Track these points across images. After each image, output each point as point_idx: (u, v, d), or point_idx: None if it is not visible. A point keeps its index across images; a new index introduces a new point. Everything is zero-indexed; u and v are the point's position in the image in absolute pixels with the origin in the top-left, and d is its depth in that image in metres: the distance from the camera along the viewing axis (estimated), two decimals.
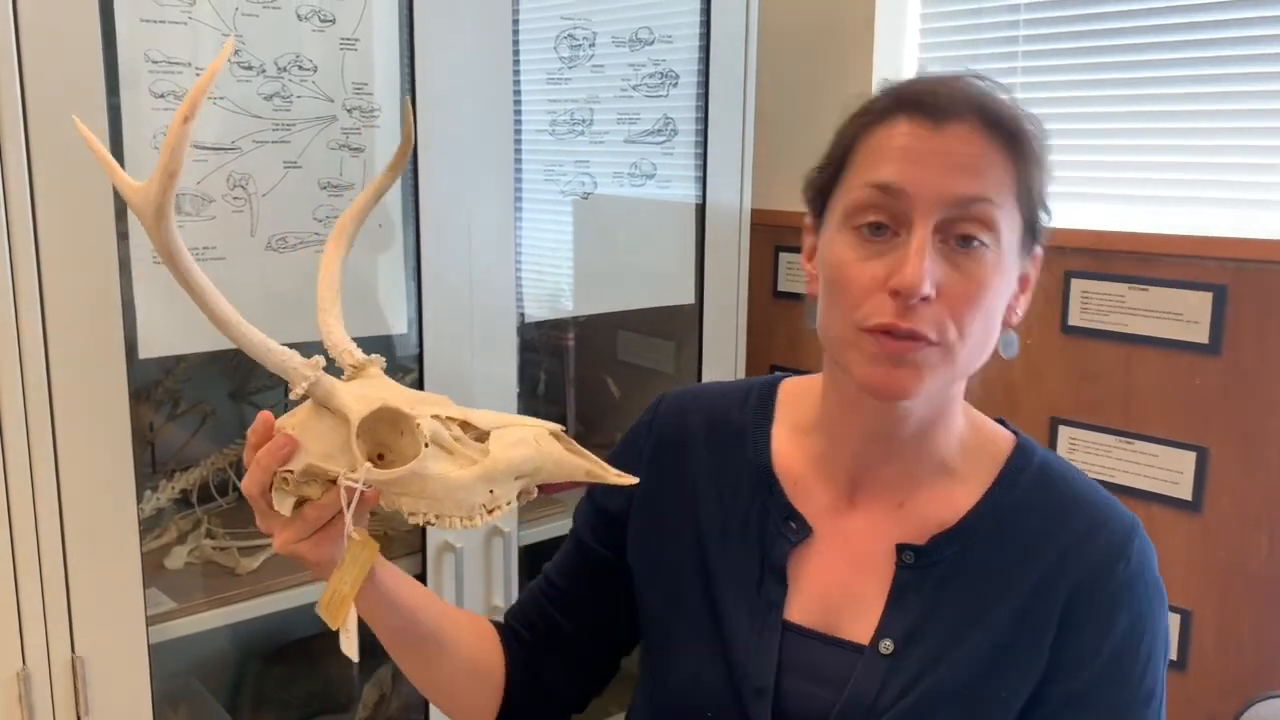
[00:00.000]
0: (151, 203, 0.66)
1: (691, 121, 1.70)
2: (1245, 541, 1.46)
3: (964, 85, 0.81)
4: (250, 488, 0.75)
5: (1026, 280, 0.85)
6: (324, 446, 0.72)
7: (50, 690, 1.16)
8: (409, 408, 0.72)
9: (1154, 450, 1.53)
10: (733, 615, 0.87)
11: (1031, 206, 0.81)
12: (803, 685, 0.84)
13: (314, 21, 1.26)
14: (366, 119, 1.32)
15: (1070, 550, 0.83)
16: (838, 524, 0.88)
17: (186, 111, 0.63)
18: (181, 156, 0.64)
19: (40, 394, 1.11)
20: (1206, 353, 1.47)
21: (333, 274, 0.83)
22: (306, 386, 0.72)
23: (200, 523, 1.52)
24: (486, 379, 1.48)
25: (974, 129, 0.78)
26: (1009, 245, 0.79)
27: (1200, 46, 1.53)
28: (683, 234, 1.74)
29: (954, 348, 0.77)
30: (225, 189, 1.23)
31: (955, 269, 0.77)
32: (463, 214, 1.42)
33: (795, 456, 0.92)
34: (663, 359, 1.95)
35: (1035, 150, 0.80)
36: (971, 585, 0.83)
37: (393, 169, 0.85)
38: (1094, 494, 0.87)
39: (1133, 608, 0.82)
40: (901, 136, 0.79)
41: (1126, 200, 1.62)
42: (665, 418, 0.98)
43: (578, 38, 1.54)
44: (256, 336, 0.72)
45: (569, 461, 0.74)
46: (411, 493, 0.71)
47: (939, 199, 0.76)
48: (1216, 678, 1.50)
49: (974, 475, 0.87)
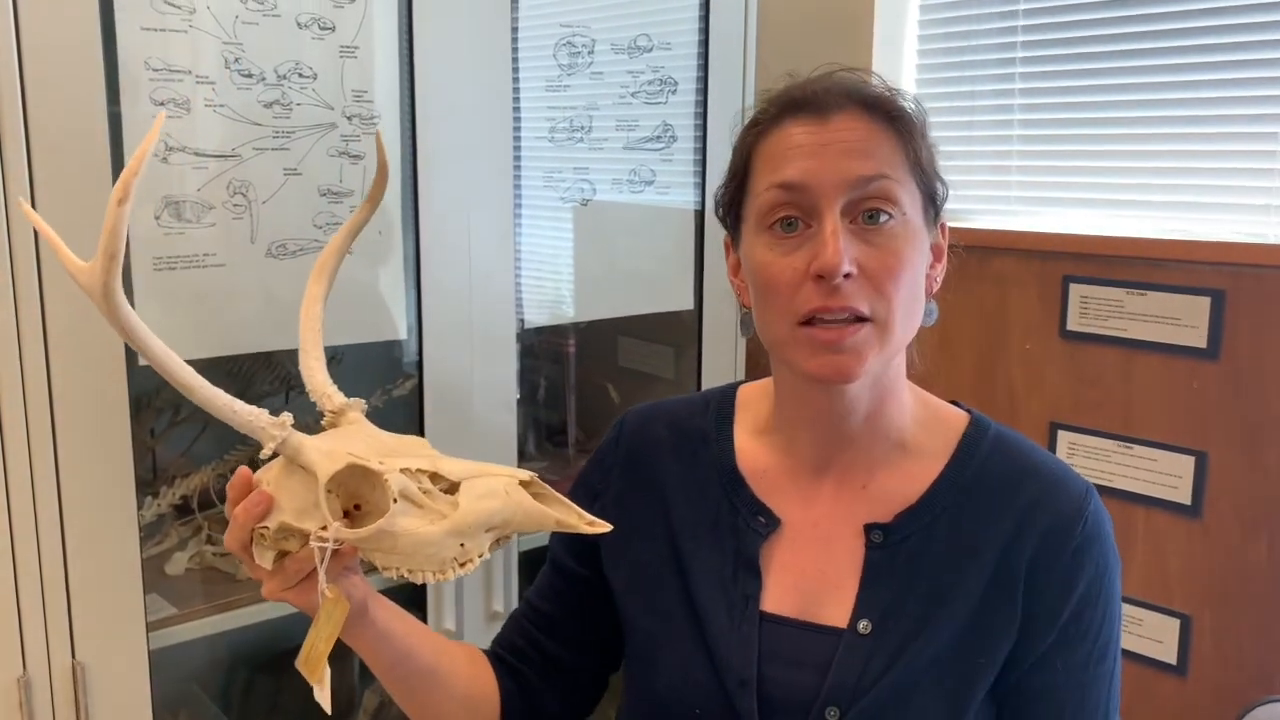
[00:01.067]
0: (97, 283, 0.67)
1: (690, 128, 1.71)
2: (1244, 546, 1.46)
3: (840, 79, 0.86)
4: (231, 543, 0.77)
5: (940, 250, 0.89)
6: (297, 503, 0.73)
7: (51, 696, 1.16)
8: (377, 463, 0.72)
9: (1153, 455, 1.54)
10: (711, 612, 0.89)
11: (927, 179, 0.86)
12: (785, 673, 0.86)
13: (314, 29, 1.27)
14: (366, 126, 1.32)
15: (1029, 514, 0.86)
16: (805, 513, 0.91)
17: (120, 194, 0.64)
18: (121, 239, 0.66)
19: (41, 400, 1.12)
20: (1205, 357, 1.48)
21: (314, 314, 0.84)
22: (275, 446, 0.73)
23: (201, 529, 1.53)
24: (486, 385, 1.48)
25: (857, 115, 0.83)
26: (914, 217, 0.84)
27: (1199, 52, 1.53)
28: (682, 240, 1.75)
29: (886, 321, 0.82)
30: (225, 196, 1.23)
31: (869, 245, 0.81)
32: (462, 220, 1.42)
33: (758, 454, 0.95)
34: (662, 365, 1.95)
35: (917, 125, 0.85)
36: (940, 558, 0.86)
37: (371, 200, 0.87)
38: (1049, 460, 0.91)
39: (1090, 567, 0.86)
40: (793, 136, 0.84)
41: (1125, 205, 1.63)
42: (631, 433, 1.01)
43: (577, 45, 1.55)
44: (222, 399, 0.74)
45: (539, 513, 0.75)
46: (383, 549, 0.72)
47: (840, 184, 0.81)
48: (1216, 682, 1.50)
49: (931, 451, 0.91)
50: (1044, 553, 0.85)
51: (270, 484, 0.74)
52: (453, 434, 1.45)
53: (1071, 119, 1.67)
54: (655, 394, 2.01)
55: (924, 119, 0.87)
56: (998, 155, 1.76)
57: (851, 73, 0.88)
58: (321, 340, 0.83)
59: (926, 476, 0.89)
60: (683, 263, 1.75)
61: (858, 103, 0.84)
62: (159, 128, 0.67)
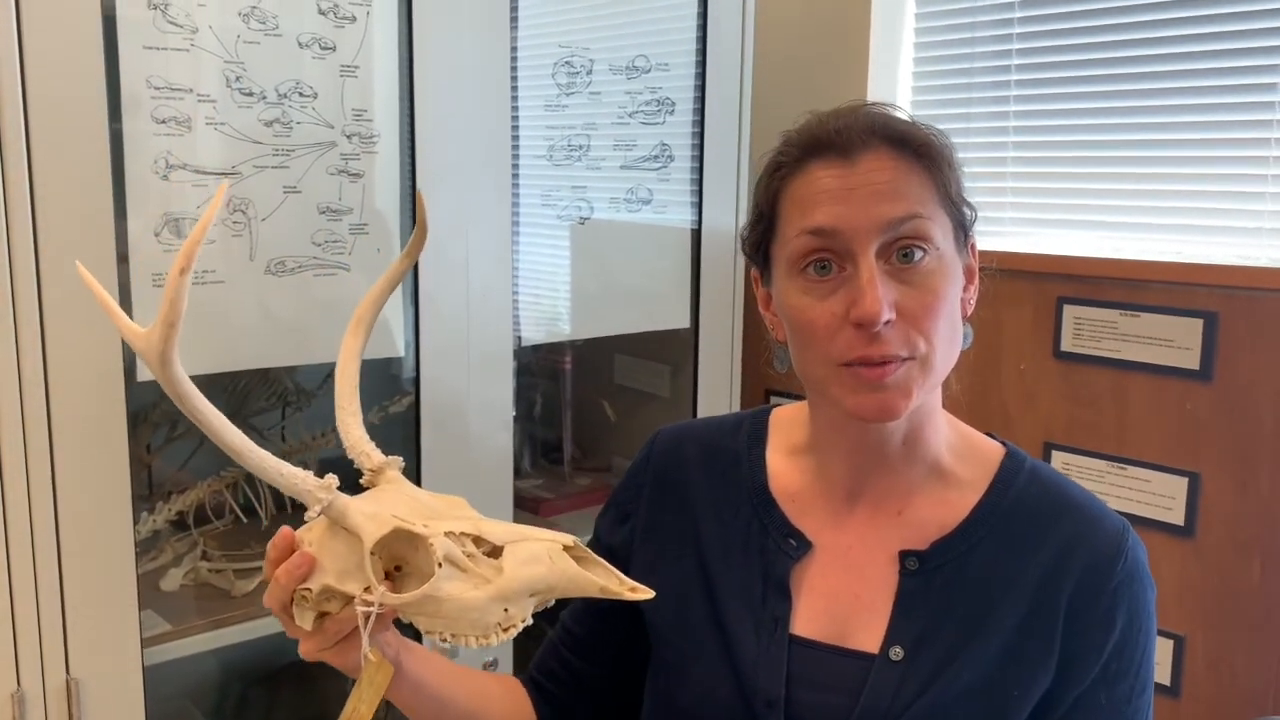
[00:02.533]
0: (155, 349, 0.68)
1: (687, 148, 1.72)
2: (1237, 566, 1.47)
3: (863, 116, 0.85)
4: (272, 603, 0.77)
5: (971, 271, 0.89)
6: (340, 565, 0.73)
7: (45, 712, 1.16)
8: (422, 525, 0.72)
9: (1146, 475, 1.54)
10: (739, 632, 0.89)
11: (956, 207, 0.85)
12: (814, 696, 0.86)
13: (314, 49, 1.28)
14: (366, 145, 1.33)
15: (1068, 549, 0.86)
16: (837, 538, 0.91)
17: (183, 264, 0.65)
18: (181, 308, 0.67)
19: (39, 416, 1.12)
20: (1198, 379, 1.48)
21: (351, 370, 0.85)
22: (321, 509, 0.73)
23: (196, 545, 1.53)
24: (483, 402, 1.49)
25: (883, 154, 0.82)
26: (946, 248, 0.83)
27: (1192, 76, 1.55)
28: (678, 259, 1.76)
29: (928, 358, 0.82)
30: (225, 213, 1.24)
31: (906, 285, 0.81)
32: (460, 238, 1.43)
33: (791, 477, 0.94)
34: (659, 383, 1.96)
35: (944, 155, 0.85)
36: (975, 588, 0.86)
37: (408, 255, 0.87)
38: (1085, 496, 0.91)
39: (1131, 604, 0.86)
40: (820, 180, 0.83)
41: (1119, 227, 1.64)
42: (661, 452, 1.01)
43: (575, 65, 1.56)
44: (270, 461, 0.74)
45: (582, 578, 0.75)
46: (426, 613, 0.72)
47: (873, 227, 0.80)
48: (1209, 703, 1.51)
49: (968, 481, 0.90)
50: (1084, 591, 0.85)
51: (313, 545, 0.74)
52: (449, 451, 1.46)
53: (1066, 141, 1.68)
54: (651, 412, 2.02)
55: (950, 148, 0.86)
56: (993, 177, 1.77)
57: (873, 107, 0.87)
58: (358, 396, 0.83)
59: (963, 506, 0.89)
60: (679, 281, 1.76)
61: (883, 140, 0.83)
62: (221, 198, 0.68)
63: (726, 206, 1.77)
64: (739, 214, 1.79)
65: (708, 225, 1.75)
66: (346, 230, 1.33)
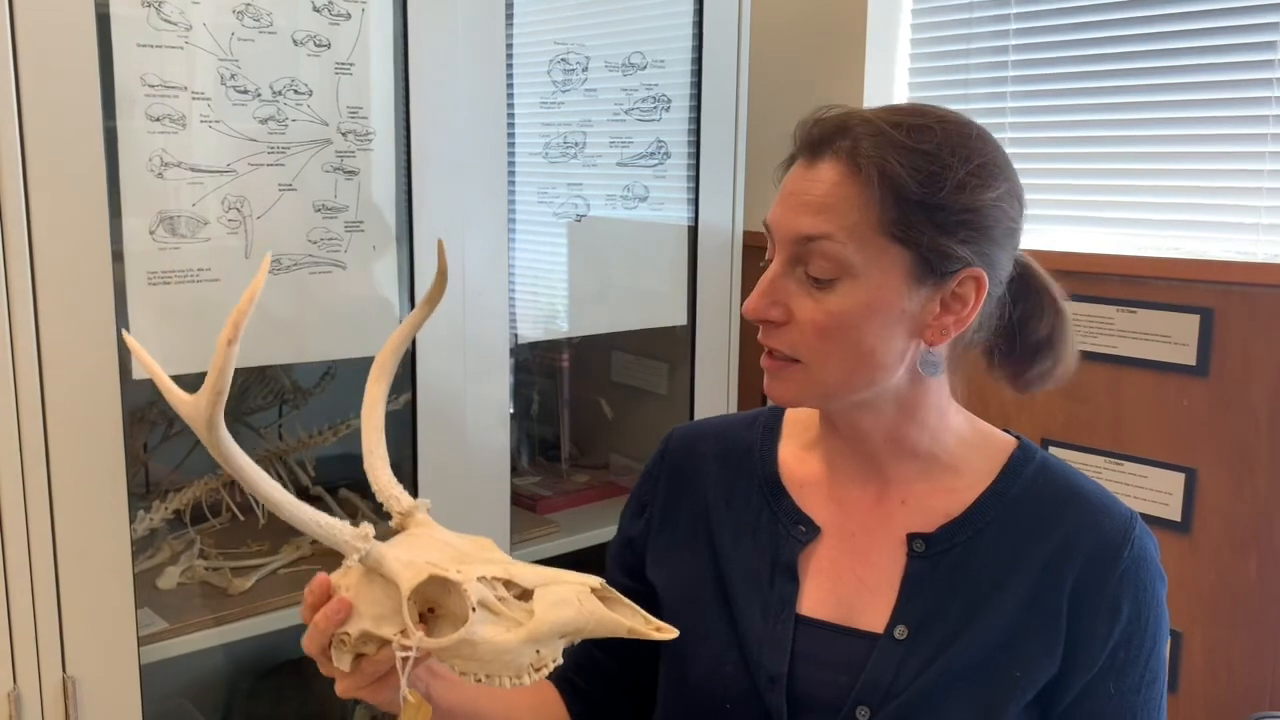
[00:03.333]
0: (202, 416, 0.71)
1: (684, 145, 1.72)
2: (1234, 562, 1.47)
3: (848, 120, 0.84)
4: (309, 647, 0.80)
5: (957, 301, 0.85)
6: (377, 610, 0.76)
7: (41, 711, 1.16)
8: (455, 571, 0.75)
9: (1143, 471, 1.54)
10: (746, 611, 0.92)
11: (919, 241, 0.81)
12: (817, 672, 0.88)
13: (309, 46, 1.28)
14: (361, 142, 1.33)
15: (1073, 536, 0.88)
16: (844, 523, 0.93)
17: (230, 335, 0.68)
18: (228, 377, 0.70)
19: (34, 414, 1.12)
20: (1194, 375, 1.48)
21: (376, 415, 0.87)
22: (359, 558, 0.76)
23: (193, 543, 1.53)
24: (479, 400, 1.48)
25: (838, 167, 0.82)
26: (878, 278, 0.82)
27: (1188, 72, 1.55)
28: (675, 256, 1.76)
29: (814, 366, 0.85)
30: (220, 211, 1.24)
31: (809, 298, 0.84)
32: (456, 236, 1.43)
33: (802, 467, 0.98)
34: (656, 380, 1.96)
35: (912, 189, 0.80)
36: (980, 572, 0.88)
37: (428, 302, 0.90)
38: (1093, 486, 0.92)
39: (1138, 593, 0.87)
40: (790, 178, 0.86)
41: (1115, 223, 1.64)
42: (677, 445, 1.05)
43: (571, 62, 1.56)
44: (308, 513, 0.76)
45: (610, 620, 0.78)
46: (462, 656, 0.75)
47: (787, 236, 0.84)
48: (1206, 699, 1.51)
49: (975, 470, 0.92)
50: (1088, 579, 0.86)
51: (350, 590, 0.77)
52: (446, 449, 1.45)
53: (1062, 138, 1.68)
54: (649, 410, 2.02)
55: (939, 183, 0.81)
56: None
57: (876, 118, 0.83)
58: (384, 441, 0.86)
59: (969, 494, 0.91)
60: (676, 278, 1.76)
61: (847, 153, 0.82)
62: (265, 270, 0.71)
63: (723, 203, 1.77)
64: (736, 210, 1.79)
65: (704, 222, 1.75)
66: (342, 228, 1.33)
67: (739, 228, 1.80)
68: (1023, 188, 0.88)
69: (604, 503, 1.88)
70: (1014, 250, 0.89)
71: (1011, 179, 0.86)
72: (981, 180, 0.83)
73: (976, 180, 0.82)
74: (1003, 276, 0.88)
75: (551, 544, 1.68)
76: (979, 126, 0.86)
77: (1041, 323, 0.93)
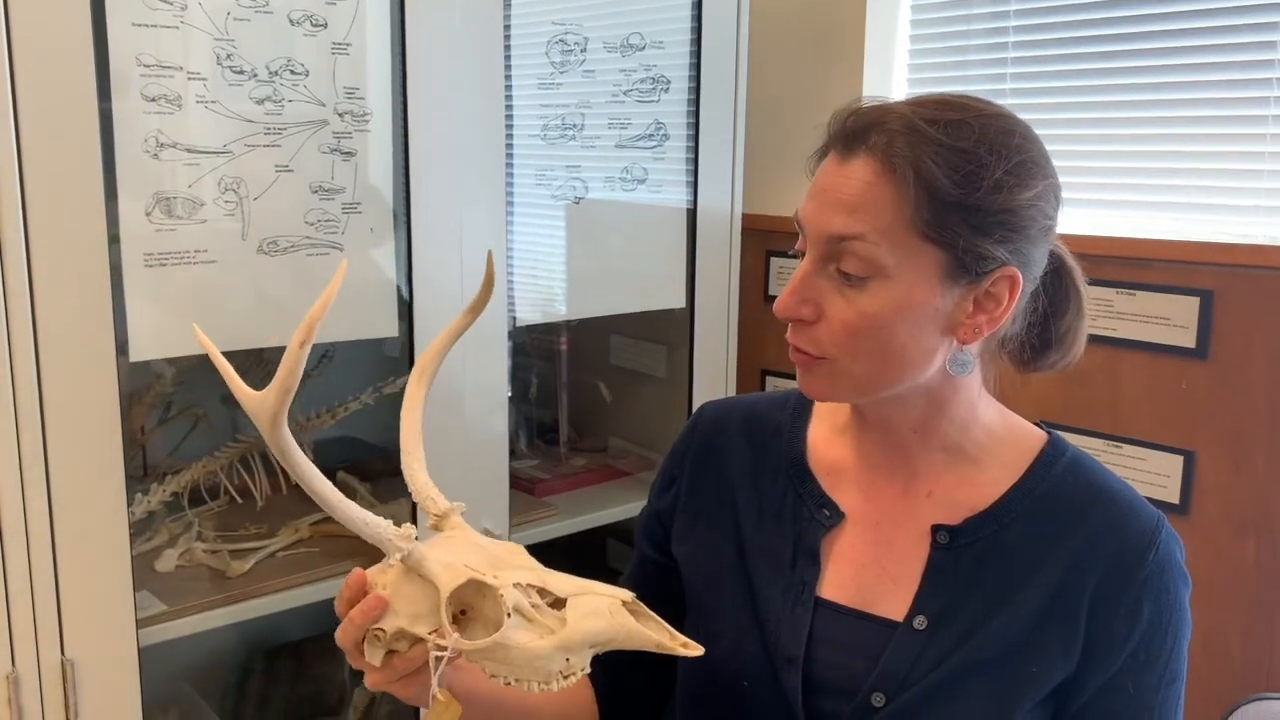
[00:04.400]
0: (268, 411, 0.73)
1: (682, 126, 1.71)
2: (1232, 545, 1.47)
3: (884, 115, 0.82)
4: (344, 641, 0.81)
5: (991, 300, 0.84)
6: (413, 609, 0.78)
7: (40, 693, 1.16)
8: (493, 576, 0.77)
9: (1142, 454, 1.54)
10: (767, 594, 0.93)
11: (954, 242, 0.80)
12: (834, 656, 0.89)
13: (306, 26, 1.27)
14: (358, 123, 1.32)
15: (1098, 536, 0.87)
16: (869, 511, 0.94)
17: (303, 336, 0.71)
18: (296, 377, 0.72)
19: (31, 396, 1.12)
20: (1194, 357, 1.48)
21: (415, 417, 0.89)
22: (400, 558, 0.78)
23: (191, 525, 1.53)
24: (478, 383, 1.48)
25: (872, 165, 0.81)
26: (910, 277, 0.81)
27: (1188, 54, 1.54)
28: (674, 238, 1.75)
29: (843, 363, 0.84)
30: (217, 193, 1.23)
31: (840, 296, 0.83)
32: (454, 218, 1.42)
33: (830, 451, 0.98)
34: (654, 363, 1.96)
35: (948, 189, 0.79)
36: (1003, 566, 0.88)
37: (473, 310, 0.91)
38: (1122, 486, 0.92)
39: (1160, 596, 0.86)
40: (822, 172, 0.85)
41: (1115, 206, 1.63)
42: (707, 421, 1.06)
43: (569, 43, 1.55)
44: (355, 512, 0.78)
45: (639, 634, 0.80)
46: (495, 659, 0.77)
47: (819, 234, 0.83)
48: (1204, 680, 1.51)
49: (1003, 465, 0.92)
50: (1111, 579, 0.86)
51: (386, 588, 0.79)
52: (445, 432, 1.45)
53: (1062, 119, 1.68)
54: (647, 393, 2.02)
55: (975, 183, 0.79)
56: None
57: (917, 109, 0.82)
58: (422, 443, 0.87)
59: (996, 488, 0.90)
60: (675, 261, 1.75)
61: (883, 150, 0.80)
62: (341, 275, 0.72)
63: (722, 186, 1.76)
64: (735, 192, 1.78)
65: (703, 204, 1.74)
66: (339, 209, 1.32)
67: (738, 210, 1.80)
68: (1060, 183, 0.86)
69: (602, 486, 1.88)
70: (1049, 246, 0.88)
71: (1050, 175, 0.85)
72: (1019, 179, 0.81)
73: (1014, 180, 0.81)
74: (1037, 274, 0.87)
75: (550, 527, 1.68)
76: (1019, 121, 0.84)
77: (1064, 320, 0.92)
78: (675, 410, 1.85)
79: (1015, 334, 0.90)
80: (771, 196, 1.93)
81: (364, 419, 1.63)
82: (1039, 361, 0.94)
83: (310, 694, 1.75)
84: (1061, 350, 0.93)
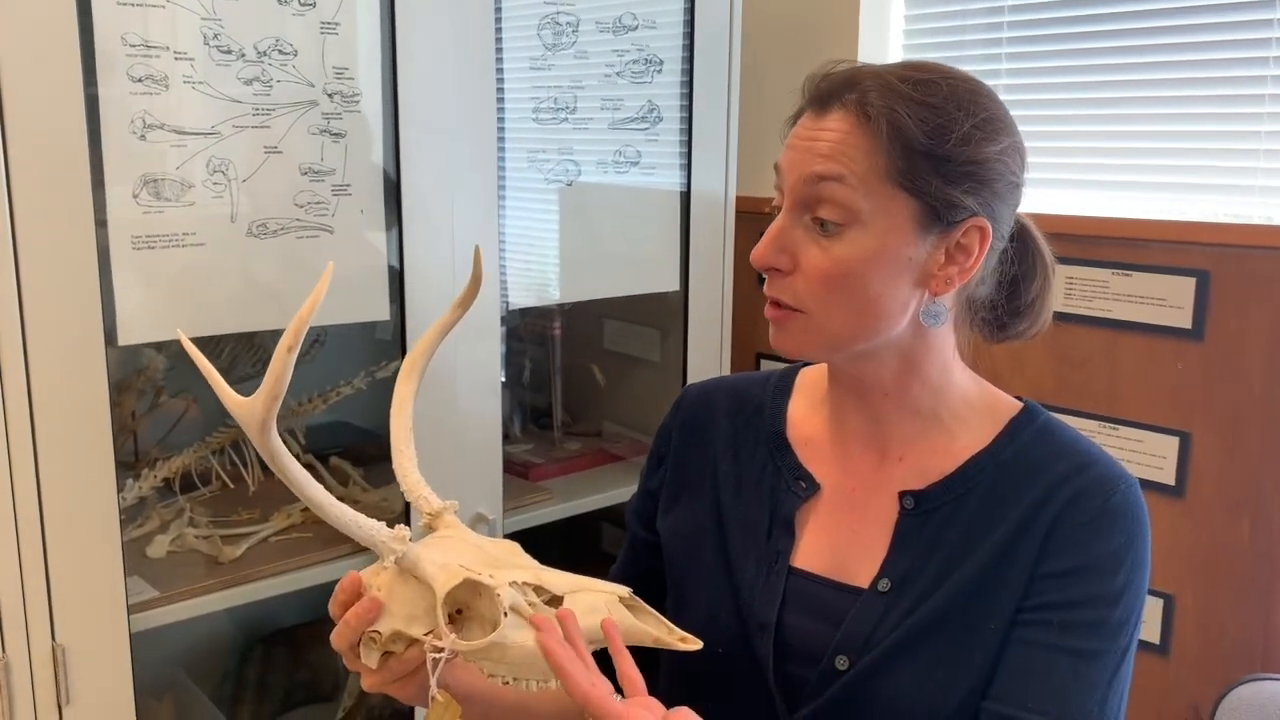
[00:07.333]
0: (256, 418, 0.73)
1: (676, 108, 1.70)
2: (1227, 526, 1.47)
3: (857, 74, 0.86)
4: (339, 643, 0.81)
5: (962, 251, 0.86)
6: (409, 610, 0.78)
7: (31, 679, 1.15)
8: (488, 576, 0.77)
9: (1137, 435, 1.54)
10: (742, 563, 0.95)
11: (926, 190, 0.83)
12: (804, 622, 0.91)
13: (294, 5, 1.25)
14: (348, 104, 1.31)
15: (1058, 484, 0.88)
16: (844, 480, 0.95)
17: (290, 341, 0.70)
18: (284, 384, 0.71)
19: (18, 381, 1.11)
20: (1189, 338, 1.48)
21: (405, 414, 0.88)
22: (395, 560, 0.77)
23: (183, 511, 1.52)
24: (471, 367, 1.47)
25: (847, 115, 0.84)
26: (884, 225, 0.84)
27: (1184, 32, 1.53)
28: (668, 221, 1.74)
29: (817, 315, 0.86)
30: (205, 174, 1.22)
31: (816, 245, 0.85)
32: (445, 200, 1.41)
33: (809, 425, 1.00)
34: (648, 347, 1.95)
35: (920, 139, 0.82)
36: (965, 527, 0.89)
37: (461, 305, 0.91)
38: (1090, 445, 0.92)
39: (1114, 537, 0.86)
40: (800, 126, 0.88)
41: (1110, 187, 1.63)
42: (691, 400, 1.08)
43: (561, 23, 1.53)
44: (348, 515, 0.78)
45: (638, 629, 0.80)
46: (492, 658, 0.77)
47: (798, 178, 0.85)
48: (1198, 661, 1.51)
49: (975, 432, 0.93)
50: (1065, 516, 0.86)
51: (381, 590, 0.79)
52: (438, 417, 1.44)
53: (1057, 100, 1.67)
54: (641, 377, 2.01)
55: (946, 136, 0.82)
56: None
57: (883, 70, 0.86)
58: (412, 440, 0.87)
59: (965, 453, 0.92)
60: (669, 244, 1.74)
61: (855, 102, 0.84)
62: (328, 278, 0.72)
63: (716, 167, 1.75)
64: (729, 174, 1.77)
65: (697, 187, 1.73)
66: (329, 191, 1.31)
67: (731, 192, 1.79)
68: (1025, 145, 0.89)
69: (596, 470, 1.87)
70: (1015, 206, 0.90)
71: (1014, 135, 0.88)
72: (986, 134, 0.84)
73: (981, 134, 0.84)
74: (1005, 231, 0.89)
75: (544, 511, 1.68)
76: (983, 84, 0.88)
77: (1032, 285, 0.95)
78: (669, 394, 1.83)
79: (985, 297, 0.93)
80: (766, 178, 1.92)
81: (356, 403, 1.62)
82: (1009, 330, 0.96)
83: (304, 680, 1.75)
84: (1030, 318, 0.96)
